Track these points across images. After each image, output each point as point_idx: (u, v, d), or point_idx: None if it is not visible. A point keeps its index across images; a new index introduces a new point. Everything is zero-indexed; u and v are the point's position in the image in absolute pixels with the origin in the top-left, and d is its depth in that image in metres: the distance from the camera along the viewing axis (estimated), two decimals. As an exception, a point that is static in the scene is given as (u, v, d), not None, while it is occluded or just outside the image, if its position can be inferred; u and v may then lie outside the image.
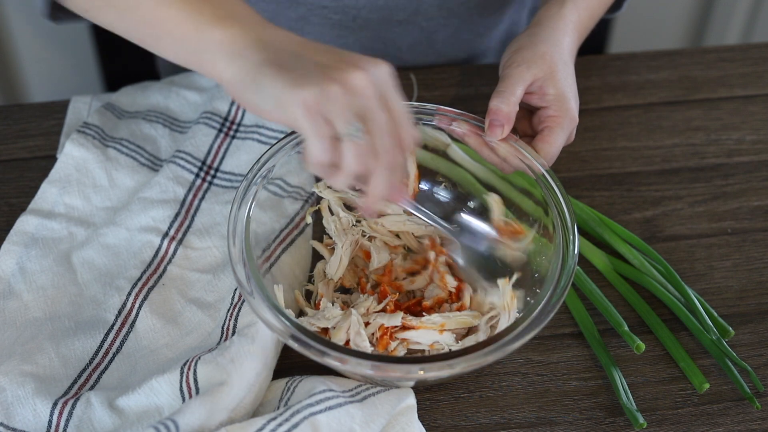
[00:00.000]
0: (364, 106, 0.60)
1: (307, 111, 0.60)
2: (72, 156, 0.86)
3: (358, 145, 0.61)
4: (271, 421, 0.64)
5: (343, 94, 0.60)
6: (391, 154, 0.62)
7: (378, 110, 0.61)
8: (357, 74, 0.61)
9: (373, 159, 0.62)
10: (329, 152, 0.61)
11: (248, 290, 0.67)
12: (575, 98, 0.78)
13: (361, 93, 0.60)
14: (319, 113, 0.60)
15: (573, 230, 0.71)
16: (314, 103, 0.59)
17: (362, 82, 0.60)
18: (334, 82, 0.60)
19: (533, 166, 0.75)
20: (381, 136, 0.61)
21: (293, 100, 0.60)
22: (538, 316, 0.66)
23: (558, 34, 0.80)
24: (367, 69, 0.61)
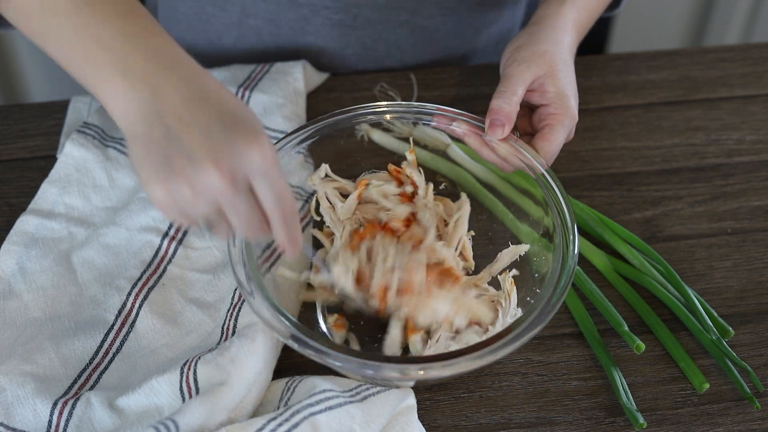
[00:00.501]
0: (215, 199, 0.61)
1: (160, 206, 0.61)
2: (72, 156, 0.86)
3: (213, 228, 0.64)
4: (271, 421, 0.64)
5: (189, 195, 0.60)
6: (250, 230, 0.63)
7: (233, 201, 0.61)
8: (207, 171, 0.59)
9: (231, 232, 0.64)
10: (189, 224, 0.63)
11: (248, 290, 0.67)
12: (575, 96, 0.78)
13: (209, 190, 0.60)
14: (171, 209, 0.61)
15: (573, 230, 0.71)
16: (164, 201, 0.61)
17: (211, 179, 0.59)
18: (181, 183, 0.60)
19: (533, 165, 0.75)
20: (238, 224, 0.62)
21: (150, 192, 0.61)
22: (538, 316, 0.66)
23: (557, 32, 0.80)
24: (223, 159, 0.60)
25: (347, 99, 0.97)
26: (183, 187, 0.60)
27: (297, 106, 0.92)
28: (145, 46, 0.63)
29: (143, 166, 0.61)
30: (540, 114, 0.78)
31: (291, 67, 0.95)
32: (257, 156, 0.60)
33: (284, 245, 0.64)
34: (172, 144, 0.60)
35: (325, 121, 0.78)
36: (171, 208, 0.61)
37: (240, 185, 0.60)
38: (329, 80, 1.00)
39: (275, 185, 0.62)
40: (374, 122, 0.80)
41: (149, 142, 0.61)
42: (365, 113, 0.79)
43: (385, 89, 0.97)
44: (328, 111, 0.80)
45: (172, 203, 0.61)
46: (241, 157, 0.60)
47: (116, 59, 0.63)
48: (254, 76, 0.94)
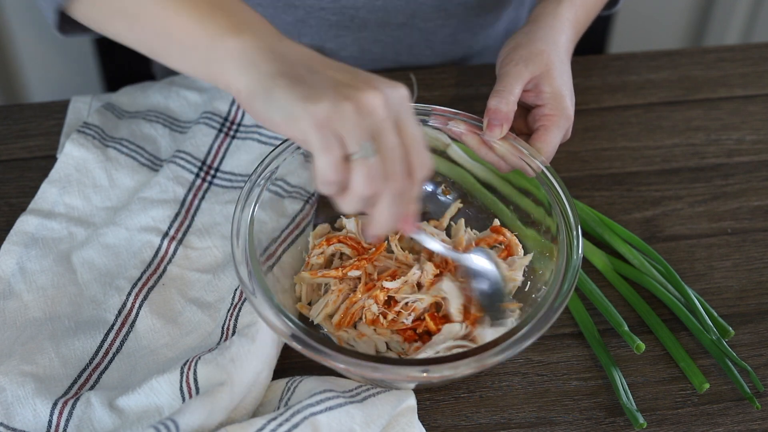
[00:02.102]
0: (376, 126, 0.59)
1: (318, 127, 0.58)
2: (72, 156, 0.86)
3: (369, 165, 0.59)
4: (272, 421, 0.64)
5: (355, 113, 0.58)
6: (401, 180, 0.60)
7: (391, 133, 0.59)
8: (372, 94, 0.59)
9: (382, 182, 0.59)
10: (338, 171, 0.59)
11: (250, 289, 0.67)
12: (571, 96, 0.78)
13: (374, 113, 0.58)
14: (330, 130, 0.58)
15: (577, 229, 0.71)
16: (326, 119, 0.58)
17: (377, 102, 0.58)
18: (347, 100, 0.58)
19: (533, 164, 0.75)
20: (392, 159, 0.59)
21: (304, 114, 0.58)
22: (543, 317, 0.66)
23: (554, 31, 0.80)
24: (382, 90, 0.59)
25: (347, 99, 0.97)
26: (346, 103, 0.58)
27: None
28: (248, 12, 0.64)
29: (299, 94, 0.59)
30: (535, 115, 0.78)
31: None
32: (404, 92, 0.61)
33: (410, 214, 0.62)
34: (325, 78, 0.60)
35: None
36: (329, 126, 0.58)
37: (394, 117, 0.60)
38: (329, 80, 0.99)
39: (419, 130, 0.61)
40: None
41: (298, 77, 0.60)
42: None
43: (385, 89, 0.97)
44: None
45: (334, 119, 0.58)
46: (396, 90, 0.60)
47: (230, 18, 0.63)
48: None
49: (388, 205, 0.60)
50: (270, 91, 0.60)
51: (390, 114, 0.59)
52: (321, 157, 0.59)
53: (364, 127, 0.58)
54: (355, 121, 0.58)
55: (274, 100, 0.60)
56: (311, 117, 0.58)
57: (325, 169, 0.59)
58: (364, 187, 0.59)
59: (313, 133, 0.58)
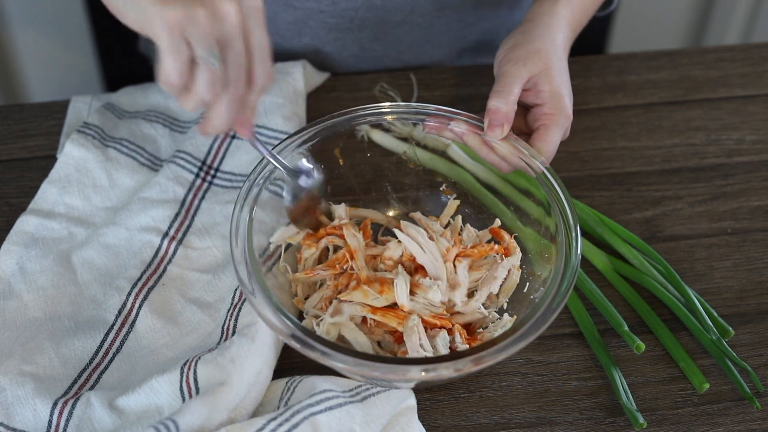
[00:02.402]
0: (226, 33, 0.61)
1: (169, 29, 0.60)
2: (72, 156, 0.86)
3: (212, 72, 0.61)
4: (271, 421, 0.64)
5: (207, 18, 0.60)
6: (240, 87, 0.63)
7: (238, 41, 0.61)
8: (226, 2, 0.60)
9: (222, 88, 0.62)
10: (182, 73, 0.61)
11: (250, 289, 0.67)
12: (569, 95, 0.78)
13: (226, 20, 0.60)
14: (181, 33, 0.60)
15: (576, 229, 0.71)
16: (177, 22, 0.60)
17: (229, 8, 0.60)
18: (201, 5, 0.60)
19: (534, 164, 0.75)
20: (235, 67, 0.62)
21: (157, 15, 0.60)
22: (542, 317, 0.66)
23: (552, 30, 0.80)
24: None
25: (347, 99, 0.97)
26: (201, 9, 0.59)
27: (297, 106, 0.92)
28: None
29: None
30: (535, 114, 0.78)
31: (291, 67, 0.95)
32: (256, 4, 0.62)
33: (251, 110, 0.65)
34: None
35: (324, 123, 0.78)
36: (179, 30, 0.59)
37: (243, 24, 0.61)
38: (329, 80, 1.00)
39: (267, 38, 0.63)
40: (374, 123, 0.80)
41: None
42: (365, 114, 0.79)
43: (385, 89, 0.97)
44: (328, 111, 0.80)
45: (184, 23, 0.59)
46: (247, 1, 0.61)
47: None
48: (254, 76, 0.94)
49: (225, 109, 0.63)
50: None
51: (240, 21, 0.61)
52: (167, 59, 0.61)
53: (213, 34, 0.60)
54: (206, 27, 0.60)
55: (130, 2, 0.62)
56: (163, 19, 0.60)
57: (170, 71, 0.61)
58: (205, 92, 0.62)
59: (163, 35, 0.60)
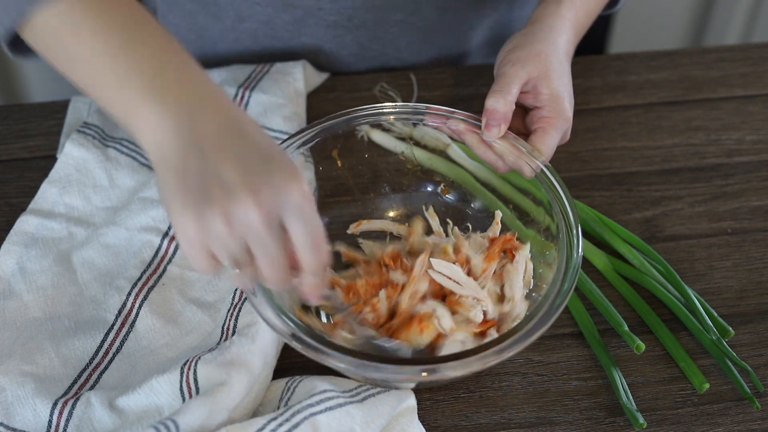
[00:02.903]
0: (247, 236, 0.58)
1: (187, 241, 0.58)
2: (72, 156, 0.86)
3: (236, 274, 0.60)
4: (272, 421, 0.64)
5: (223, 228, 0.57)
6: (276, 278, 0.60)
7: (265, 239, 0.58)
8: (245, 204, 0.57)
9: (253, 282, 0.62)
10: (206, 266, 0.60)
11: (250, 289, 0.67)
12: (569, 98, 0.78)
13: (243, 226, 0.57)
14: (199, 245, 0.58)
15: (577, 228, 0.71)
16: (194, 235, 0.58)
17: (248, 213, 0.57)
18: (216, 214, 0.57)
19: (532, 163, 0.75)
20: (266, 265, 0.59)
21: (176, 225, 0.59)
22: (543, 317, 0.66)
23: (554, 32, 0.80)
24: (263, 194, 0.57)
25: (347, 99, 0.97)
26: (217, 219, 0.57)
27: (297, 106, 0.92)
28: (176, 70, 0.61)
29: (175, 195, 0.58)
30: (533, 116, 0.78)
31: (291, 67, 0.95)
32: (297, 193, 0.58)
33: (310, 293, 0.62)
34: (210, 174, 0.58)
35: (324, 123, 0.78)
36: (199, 243, 0.58)
37: (275, 224, 0.58)
38: (329, 80, 1.00)
39: (313, 227, 0.59)
40: (374, 123, 0.80)
41: (185, 171, 0.58)
42: (365, 114, 0.79)
43: (385, 89, 0.97)
44: (328, 111, 0.80)
45: (201, 237, 0.58)
46: (280, 193, 0.58)
47: (148, 84, 0.60)
48: (254, 76, 0.94)
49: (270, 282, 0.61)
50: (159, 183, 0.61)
51: (265, 219, 0.58)
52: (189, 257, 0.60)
53: (232, 243, 0.58)
54: (223, 237, 0.58)
55: (159, 189, 0.61)
56: (181, 231, 0.59)
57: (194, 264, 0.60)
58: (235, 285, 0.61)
59: (182, 244, 0.59)
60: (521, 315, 0.73)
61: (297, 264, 0.61)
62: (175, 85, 0.61)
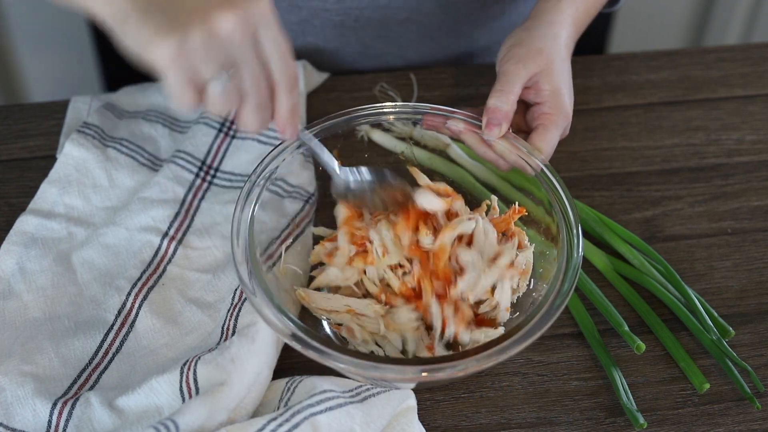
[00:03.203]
0: (229, 52, 0.58)
1: (169, 62, 0.57)
2: (72, 156, 0.86)
3: (223, 87, 0.59)
4: (272, 422, 0.64)
5: (206, 42, 0.56)
6: (260, 95, 0.60)
7: (247, 53, 0.58)
8: (224, 17, 0.57)
9: (239, 100, 0.60)
10: (190, 96, 0.59)
11: (250, 289, 0.67)
12: (570, 94, 0.78)
13: (226, 38, 0.57)
14: (182, 63, 0.57)
15: (577, 227, 0.71)
16: (176, 54, 0.56)
17: (229, 25, 0.57)
18: (197, 29, 0.56)
19: (532, 162, 0.75)
20: (248, 79, 0.59)
21: (155, 50, 0.57)
22: (543, 317, 0.66)
23: (555, 28, 0.80)
24: (238, 8, 0.57)
25: (347, 99, 0.97)
26: (195, 34, 0.56)
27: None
28: None
29: (145, 25, 0.57)
30: (534, 113, 0.78)
31: (291, 67, 0.95)
32: (266, 6, 0.59)
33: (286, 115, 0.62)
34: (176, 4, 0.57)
35: (324, 123, 0.78)
36: (181, 63, 0.57)
37: (252, 38, 0.58)
38: (329, 80, 1.00)
39: (282, 41, 0.60)
40: (374, 123, 0.80)
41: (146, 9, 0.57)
42: (365, 114, 0.79)
43: (385, 89, 0.97)
44: (328, 111, 0.80)
45: (182, 59, 0.56)
46: (252, 7, 0.58)
47: None
48: (254, 76, 0.94)
49: (251, 116, 0.61)
50: (123, 24, 0.59)
51: (245, 32, 0.58)
52: (173, 87, 0.58)
53: (216, 56, 0.57)
54: (206, 52, 0.57)
55: (126, 33, 0.59)
56: (161, 53, 0.57)
57: (179, 96, 0.59)
58: (220, 107, 0.60)
59: (165, 69, 0.57)
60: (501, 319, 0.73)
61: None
62: None
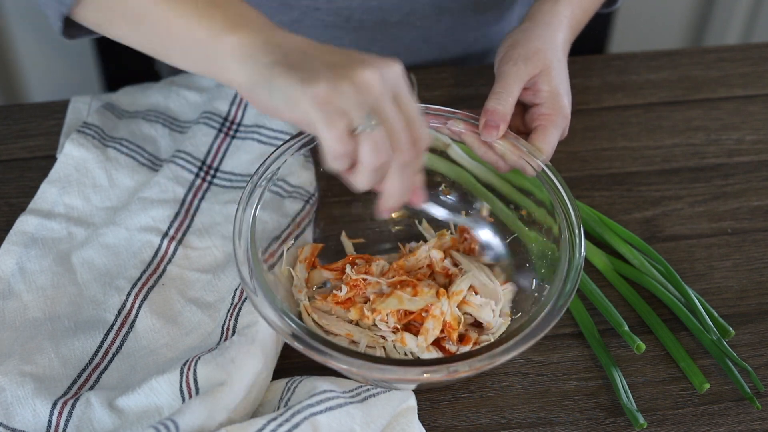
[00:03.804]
0: (375, 101, 0.60)
1: (318, 104, 0.59)
2: (72, 156, 0.86)
3: (374, 135, 0.60)
4: (272, 422, 0.64)
5: (353, 90, 0.59)
6: (407, 149, 0.61)
7: (390, 106, 0.61)
8: (367, 72, 0.60)
9: (388, 152, 0.61)
10: (345, 143, 0.60)
11: (251, 288, 0.67)
12: (568, 95, 0.78)
13: (371, 90, 0.60)
14: (332, 106, 0.59)
15: (579, 228, 0.71)
16: (325, 97, 0.59)
17: (373, 79, 0.60)
18: (344, 79, 0.59)
19: (533, 163, 0.75)
20: (396, 129, 0.61)
21: (304, 96, 0.60)
22: (546, 318, 0.66)
23: (552, 29, 0.80)
24: (377, 67, 0.61)
25: (347, 99, 0.97)
26: (345, 82, 0.59)
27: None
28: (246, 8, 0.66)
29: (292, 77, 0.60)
30: (533, 114, 0.78)
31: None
32: (399, 69, 0.62)
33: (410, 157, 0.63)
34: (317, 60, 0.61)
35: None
36: (330, 103, 0.59)
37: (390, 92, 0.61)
38: (329, 80, 0.99)
39: (415, 106, 0.62)
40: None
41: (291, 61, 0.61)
42: None
43: (385, 89, 0.97)
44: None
45: (332, 97, 0.59)
46: (392, 71, 0.62)
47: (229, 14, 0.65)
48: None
49: (398, 176, 0.62)
50: (269, 81, 0.61)
51: (387, 89, 0.61)
52: (326, 132, 0.60)
53: (363, 102, 0.60)
54: (354, 96, 0.60)
55: (273, 88, 0.61)
56: (311, 98, 0.59)
57: (332, 143, 0.60)
58: (373, 158, 0.61)
59: (315, 112, 0.60)
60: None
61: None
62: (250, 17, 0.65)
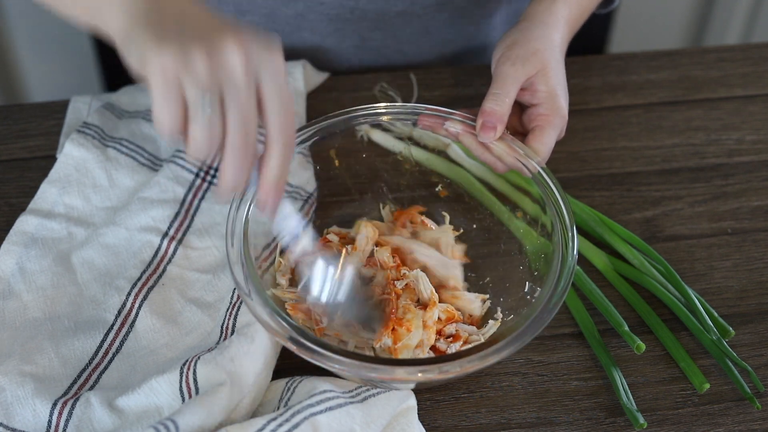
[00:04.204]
0: (226, 79, 0.55)
1: (161, 72, 0.55)
2: (72, 156, 0.86)
3: (207, 119, 0.56)
4: (272, 422, 0.64)
5: (205, 62, 0.54)
6: (243, 137, 0.57)
7: (242, 88, 0.56)
8: (230, 45, 0.55)
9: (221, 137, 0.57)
10: (174, 119, 0.56)
11: (246, 291, 0.67)
12: (565, 95, 0.78)
13: (226, 66, 0.55)
14: (174, 77, 0.55)
15: (572, 228, 0.71)
16: (171, 65, 0.55)
17: (233, 54, 0.55)
18: (200, 47, 0.55)
19: (529, 164, 0.75)
20: (235, 115, 0.56)
21: (153, 58, 0.55)
22: (539, 317, 0.66)
23: (549, 29, 0.80)
24: (246, 43, 0.56)
25: (347, 99, 0.97)
26: (198, 51, 0.54)
27: (297, 105, 0.92)
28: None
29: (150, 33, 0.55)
30: (530, 114, 0.78)
31: (291, 67, 0.95)
32: (278, 59, 0.57)
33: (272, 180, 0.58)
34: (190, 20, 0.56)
35: (323, 123, 0.78)
36: (173, 78, 0.55)
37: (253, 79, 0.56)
38: (329, 80, 1.00)
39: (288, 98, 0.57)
40: (373, 123, 0.80)
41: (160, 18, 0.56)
42: (363, 114, 0.79)
43: (385, 89, 0.97)
44: (328, 111, 0.80)
45: (178, 70, 0.55)
46: (264, 51, 0.56)
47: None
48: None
49: (230, 162, 0.57)
50: (131, 37, 0.58)
51: (247, 68, 0.56)
52: (156, 103, 0.56)
53: (210, 78, 0.55)
54: (203, 71, 0.55)
55: (131, 42, 0.58)
56: (158, 62, 0.55)
57: (160, 114, 0.56)
58: (201, 138, 0.56)
59: (154, 79, 0.55)
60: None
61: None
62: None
